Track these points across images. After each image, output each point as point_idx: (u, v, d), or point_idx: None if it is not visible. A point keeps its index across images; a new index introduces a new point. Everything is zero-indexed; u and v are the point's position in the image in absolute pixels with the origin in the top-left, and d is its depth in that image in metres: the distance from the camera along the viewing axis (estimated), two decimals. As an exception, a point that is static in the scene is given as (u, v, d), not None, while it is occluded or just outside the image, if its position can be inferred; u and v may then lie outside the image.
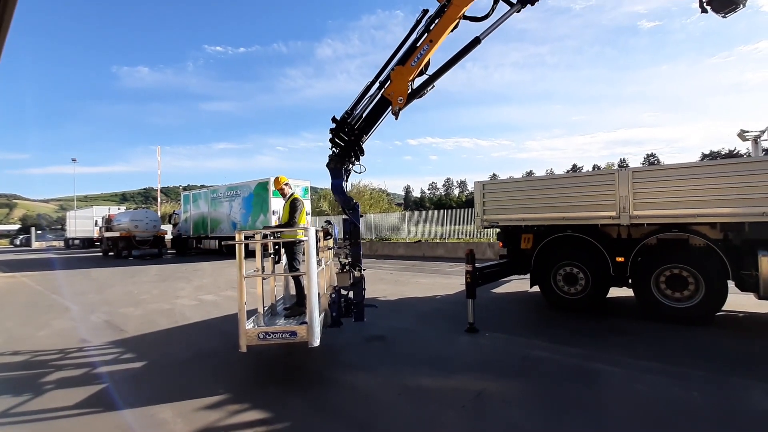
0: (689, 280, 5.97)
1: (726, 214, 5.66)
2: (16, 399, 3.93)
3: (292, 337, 4.34)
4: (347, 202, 5.76)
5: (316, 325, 4.37)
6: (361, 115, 6.17)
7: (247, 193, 21.86)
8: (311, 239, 4.45)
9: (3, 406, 3.77)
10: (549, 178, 8.29)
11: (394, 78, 6.12)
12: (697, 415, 3.31)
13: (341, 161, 5.99)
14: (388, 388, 3.99)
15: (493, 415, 3.40)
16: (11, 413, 3.66)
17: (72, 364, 5.01)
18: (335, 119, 6.17)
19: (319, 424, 3.31)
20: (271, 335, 4.36)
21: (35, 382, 4.40)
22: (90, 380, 4.43)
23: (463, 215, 21.40)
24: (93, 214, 36.77)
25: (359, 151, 6.15)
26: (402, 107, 6.21)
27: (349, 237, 5.62)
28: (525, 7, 5.99)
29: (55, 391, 4.15)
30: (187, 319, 7.26)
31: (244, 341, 4.27)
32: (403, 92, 6.12)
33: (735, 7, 5.84)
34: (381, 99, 6.13)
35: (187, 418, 3.47)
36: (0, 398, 3.96)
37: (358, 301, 5.56)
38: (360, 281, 5.56)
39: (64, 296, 10.15)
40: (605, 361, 4.53)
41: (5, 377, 4.63)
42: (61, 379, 4.48)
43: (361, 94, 6.25)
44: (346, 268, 5.48)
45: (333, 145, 6.12)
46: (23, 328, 6.86)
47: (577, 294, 6.87)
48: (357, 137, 6.06)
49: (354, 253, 5.57)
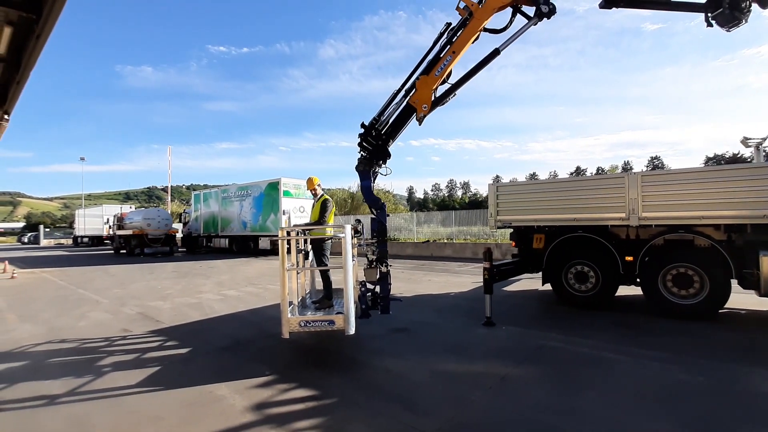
0: (694, 279, 6.34)
1: (729, 216, 6.02)
2: (80, 380, 4.33)
3: (330, 326, 4.74)
4: (375, 203, 6.15)
5: (352, 315, 4.76)
6: (388, 121, 6.58)
7: (257, 193, 22.29)
8: (347, 235, 4.83)
9: (69, 387, 4.16)
10: (561, 181, 8.66)
11: (419, 87, 6.54)
12: (702, 394, 3.69)
13: (369, 164, 6.39)
14: (419, 371, 4.38)
15: (519, 394, 3.78)
16: (79, 392, 4.04)
17: (121, 350, 5.42)
18: (364, 125, 6.58)
19: (363, 399, 3.70)
20: (311, 323, 4.76)
21: (92, 365, 4.80)
22: (143, 363, 4.83)
23: (468, 216, 21.76)
24: (102, 212, 37.37)
25: (386, 155, 6.57)
26: (426, 114, 6.63)
27: (377, 235, 6.01)
28: (541, 20, 6.38)
29: (114, 372, 4.54)
30: (216, 312, 7.65)
31: (287, 328, 4.66)
32: (427, 100, 6.54)
33: (738, 22, 6.19)
34: (406, 106, 6.55)
35: (242, 394, 3.86)
36: (64, 380, 4.35)
37: (385, 295, 5.94)
38: (386, 277, 5.94)
39: (90, 290, 10.57)
40: (616, 351, 4.91)
41: (62, 361, 5.02)
42: (116, 363, 4.87)
43: (388, 102, 6.67)
44: (374, 264, 5.87)
45: (361, 149, 6.53)
46: (63, 319, 7.26)
47: (587, 291, 7.24)
48: (384, 141, 6.47)
49: (381, 250, 5.96)
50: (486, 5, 6.71)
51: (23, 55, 8.06)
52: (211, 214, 25.75)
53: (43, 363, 4.92)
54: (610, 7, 6.47)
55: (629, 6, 6.49)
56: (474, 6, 6.70)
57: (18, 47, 7.86)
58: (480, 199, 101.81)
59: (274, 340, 5.70)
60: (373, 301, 5.92)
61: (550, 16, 6.28)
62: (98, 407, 3.66)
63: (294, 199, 21.08)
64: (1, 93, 10.16)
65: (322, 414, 3.43)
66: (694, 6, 6.44)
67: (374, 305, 5.90)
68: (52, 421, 3.41)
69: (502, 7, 6.66)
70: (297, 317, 4.83)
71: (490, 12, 6.75)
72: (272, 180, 21.59)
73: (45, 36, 6.96)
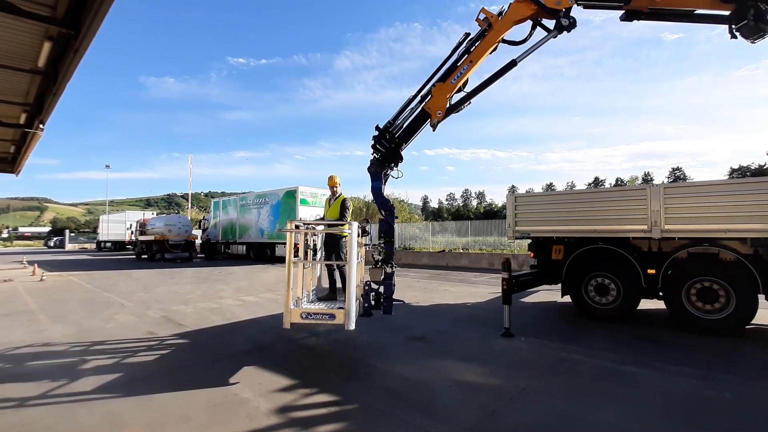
0: (720, 293, 6.20)
1: (756, 230, 5.89)
2: (110, 379, 4.49)
3: (330, 319, 4.87)
4: (384, 204, 6.29)
5: (353, 310, 4.88)
6: (402, 125, 6.73)
7: (275, 201, 22.66)
8: (353, 233, 4.98)
9: (101, 385, 4.33)
10: (580, 192, 8.61)
11: (435, 93, 6.68)
12: (728, 411, 3.61)
13: (381, 166, 6.55)
14: (438, 380, 4.40)
15: (541, 405, 3.76)
16: (110, 390, 4.20)
17: (148, 351, 5.59)
18: (378, 128, 6.74)
19: (383, 405, 3.74)
20: (313, 316, 4.89)
21: (121, 365, 4.98)
22: (169, 365, 4.98)
23: (483, 227, 21.62)
24: (125, 218, 38.40)
25: (399, 158, 6.71)
26: (440, 120, 6.76)
27: (384, 236, 6.13)
28: (561, 33, 6.43)
29: (142, 372, 4.70)
30: (237, 317, 7.81)
31: (289, 319, 4.79)
32: (442, 107, 6.68)
33: (763, 34, 6.12)
34: (421, 112, 6.69)
35: (266, 397, 3.96)
36: (96, 378, 4.53)
37: (388, 295, 6.02)
38: (391, 277, 6.03)
39: (116, 294, 10.90)
40: (638, 364, 4.83)
41: (93, 361, 5.21)
42: (144, 363, 5.04)
43: (403, 107, 6.83)
44: (379, 264, 5.97)
45: (374, 151, 6.69)
46: (91, 321, 7.53)
47: (608, 304, 7.14)
48: (397, 145, 6.62)
49: (387, 251, 6.07)
50: (506, 17, 6.82)
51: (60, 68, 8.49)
52: (230, 221, 26.26)
53: (75, 362, 5.12)
54: (631, 20, 6.50)
55: (651, 19, 6.50)
56: (494, 18, 6.82)
57: (55, 60, 8.28)
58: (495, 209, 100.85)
59: (294, 346, 5.81)
60: (376, 301, 6.01)
61: (570, 30, 6.33)
62: (129, 405, 3.80)
63: (311, 207, 21.35)
64: (37, 104, 10.70)
65: (344, 419, 3.49)
66: (717, 18, 6.41)
67: (377, 305, 5.98)
68: (88, 416, 3.56)
69: (522, 20, 6.75)
70: (299, 309, 4.96)
71: (510, 24, 6.85)
72: (290, 188, 21.94)
73: (83, 51, 7.32)
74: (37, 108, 10.69)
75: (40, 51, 7.71)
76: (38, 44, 7.55)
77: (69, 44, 7.37)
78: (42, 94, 10.09)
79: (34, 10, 6.43)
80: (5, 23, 6.62)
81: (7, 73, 8.42)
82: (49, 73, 8.65)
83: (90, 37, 6.70)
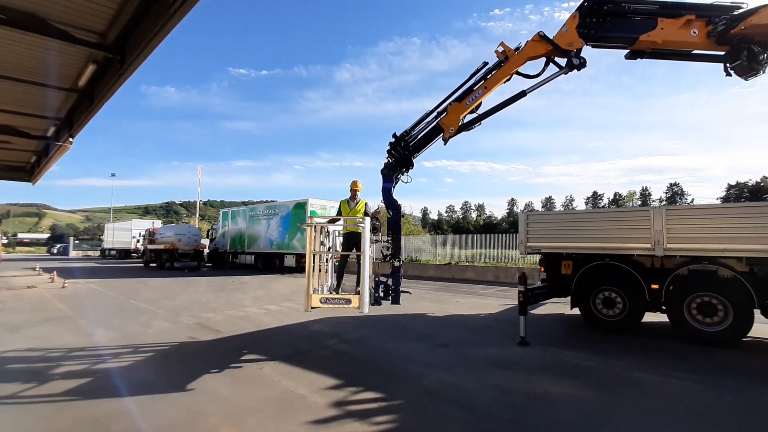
0: (718, 308, 6.75)
1: (751, 249, 6.48)
2: (175, 378, 5.00)
3: (347, 304, 5.49)
4: (393, 204, 6.99)
5: (366, 296, 5.52)
6: (417, 136, 7.55)
7: (285, 212, 23.23)
8: (366, 228, 5.61)
9: (168, 382, 4.84)
10: (588, 211, 9.23)
11: (450, 111, 7.48)
12: (729, 412, 4.16)
13: (393, 170, 7.31)
14: (469, 382, 4.92)
15: (564, 404, 4.30)
16: (179, 387, 4.70)
17: (198, 354, 6.10)
18: (395, 135, 7.55)
19: (427, 402, 4.27)
20: (331, 300, 5.51)
21: (180, 366, 5.48)
22: (224, 366, 5.48)
23: (486, 240, 22.20)
24: (131, 226, 38.85)
25: (410, 164, 7.42)
26: (452, 136, 7.57)
27: (391, 233, 6.78)
28: (572, 71, 7.12)
29: (202, 372, 5.20)
30: (267, 324, 8.32)
31: (309, 303, 5.38)
32: (455, 124, 7.46)
33: (756, 73, 6.80)
34: (436, 126, 7.51)
35: (320, 394, 4.48)
36: (160, 376, 5.04)
37: (396, 287, 6.61)
38: (398, 270, 6.65)
39: (142, 301, 11.38)
40: (646, 371, 5.37)
41: (150, 362, 5.72)
42: (200, 364, 5.53)
43: (420, 119, 7.66)
44: (388, 259, 6.60)
45: (389, 156, 7.48)
46: (131, 326, 8.02)
47: (615, 316, 7.69)
48: (410, 153, 7.42)
49: (394, 247, 6.70)
50: (522, 53, 7.54)
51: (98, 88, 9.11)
52: (239, 231, 26.77)
53: (134, 363, 5.63)
54: (635, 59, 7.19)
55: (653, 58, 7.20)
56: (510, 52, 7.54)
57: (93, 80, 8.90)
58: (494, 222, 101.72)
59: (330, 351, 6.33)
60: (385, 292, 6.61)
61: (581, 68, 7.03)
62: (202, 399, 4.32)
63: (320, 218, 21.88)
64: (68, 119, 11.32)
65: (394, 411, 4.02)
66: (713, 57, 7.10)
67: (386, 296, 6.59)
68: (170, 409, 4.08)
69: (537, 56, 7.46)
70: (319, 295, 5.56)
71: (525, 59, 7.57)
72: (300, 200, 22.54)
73: (127, 75, 7.94)
74: (67, 122, 11.31)
75: (83, 73, 8.33)
76: (82, 66, 8.17)
77: (111, 66, 7.99)
78: (73, 110, 10.71)
79: (85, 38, 7.05)
80: (56, 47, 7.23)
81: (45, 90, 9.06)
82: (85, 92, 9.29)
83: (137, 64, 7.31)
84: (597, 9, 6.96)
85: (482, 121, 7.86)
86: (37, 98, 9.51)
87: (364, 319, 8.74)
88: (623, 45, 7.06)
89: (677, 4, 6.93)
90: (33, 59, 7.49)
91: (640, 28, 6.87)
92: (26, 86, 8.49)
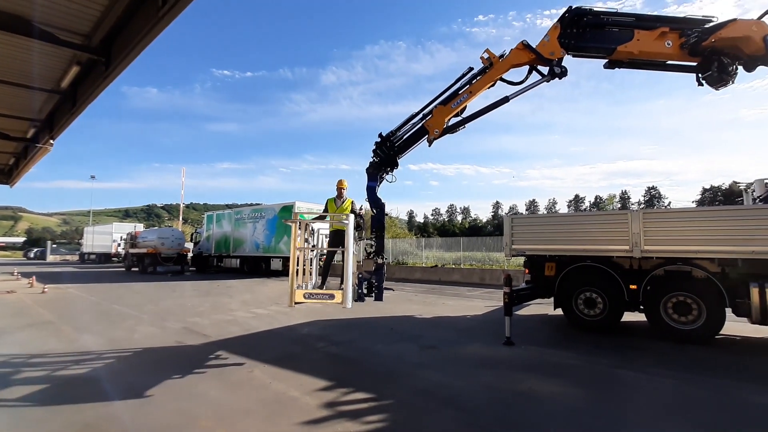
0: (693, 307, 7.07)
1: (723, 251, 6.81)
2: (166, 382, 4.98)
3: (330, 299, 5.59)
4: (376, 203, 7.15)
5: (350, 291, 5.63)
6: (402, 137, 7.76)
7: (271, 216, 23.09)
8: (350, 224, 5.74)
9: (159, 386, 4.83)
10: (570, 215, 9.52)
11: (435, 114, 7.71)
12: (704, 405, 4.39)
13: (378, 169, 7.49)
14: (458, 381, 5.06)
15: (550, 400, 4.46)
16: (169, 391, 4.71)
17: (187, 358, 6.07)
18: (381, 135, 7.76)
19: (417, 401, 4.38)
20: (314, 296, 5.60)
21: (170, 370, 5.45)
22: (214, 369, 5.50)
23: (471, 243, 22.52)
24: (112, 230, 38.01)
25: (394, 164, 7.60)
26: (436, 138, 7.80)
27: (375, 231, 6.90)
28: (553, 79, 7.38)
29: (192, 376, 5.21)
30: (255, 328, 8.31)
31: (293, 299, 5.46)
32: (439, 126, 7.69)
33: (725, 83, 7.18)
34: (421, 128, 7.72)
35: (311, 395, 4.54)
36: (150, 380, 5.02)
37: (379, 284, 6.74)
38: (381, 267, 6.78)
39: (125, 306, 11.19)
40: (626, 368, 5.60)
41: (139, 366, 5.68)
42: (189, 368, 5.51)
43: (406, 121, 7.87)
44: (372, 256, 6.71)
45: (374, 155, 7.66)
46: (116, 332, 7.91)
47: (596, 316, 7.95)
48: (395, 153, 7.62)
49: (378, 245, 6.83)
50: (506, 60, 7.78)
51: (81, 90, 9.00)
52: (224, 234, 26.46)
53: (122, 367, 5.59)
54: (613, 68, 7.50)
55: (630, 67, 7.52)
56: (495, 59, 7.78)
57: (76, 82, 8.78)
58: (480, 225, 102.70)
59: (320, 354, 6.39)
60: (368, 289, 6.72)
61: (562, 77, 7.30)
62: (193, 403, 4.33)
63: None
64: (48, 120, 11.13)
65: (386, 411, 4.12)
66: (686, 68, 7.46)
67: (369, 292, 6.70)
68: (162, 412, 4.09)
69: (520, 64, 7.72)
70: (302, 290, 5.62)
71: (508, 66, 7.82)
72: (286, 203, 22.45)
73: (113, 78, 7.87)
74: (47, 124, 11.10)
75: (66, 74, 8.22)
76: (66, 68, 8.07)
77: (95, 67, 7.90)
78: (54, 112, 10.52)
79: (70, 39, 6.97)
80: (38, 49, 7.13)
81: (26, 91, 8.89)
82: (67, 93, 9.15)
83: (124, 66, 7.24)
84: (577, 20, 7.25)
85: (466, 124, 8.09)
86: (17, 99, 9.30)
87: (353, 322, 8.81)
88: (602, 55, 7.36)
89: (652, 16, 7.28)
90: (13, 60, 7.35)
91: (617, 39, 7.18)
92: (5, 87, 8.31)
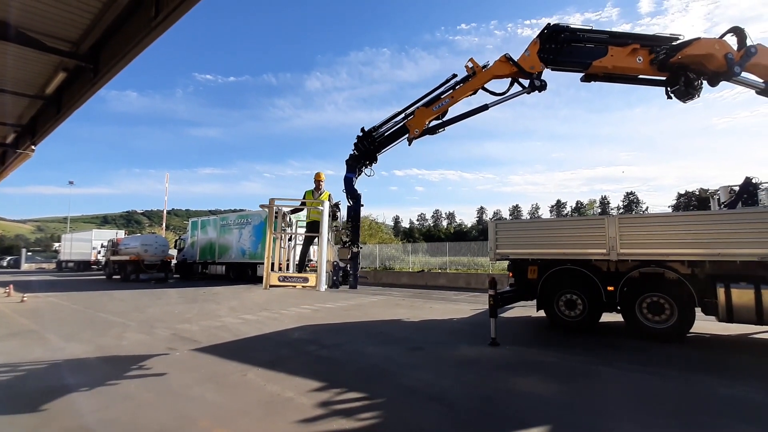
0: (665, 306, 7.48)
1: (692, 254, 7.24)
2: (160, 387, 5.06)
3: (304, 282, 5.83)
4: (353, 193, 7.42)
5: (323, 275, 5.84)
6: (383, 134, 8.06)
7: (257, 222, 23.01)
8: (325, 211, 6.00)
9: (154, 392, 4.91)
10: (552, 220, 9.90)
11: (417, 114, 8.02)
12: (671, 396, 4.72)
13: (357, 161, 7.80)
14: (444, 380, 5.28)
15: (531, 395, 4.72)
16: (165, 395, 4.79)
17: (179, 364, 6.13)
18: (363, 130, 8.06)
19: (407, 399, 4.58)
20: (289, 279, 5.86)
21: (162, 376, 5.53)
22: (207, 373, 5.58)
23: (456, 248, 22.89)
24: (92, 237, 37.13)
25: (373, 159, 7.96)
26: (416, 137, 8.12)
27: (351, 220, 7.14)
28: (534, 91, 7.76)
29: (186, 381, 5.29)
30: (245, 333, 8.38)
31: (268, 282, 5.68)
32: (420, 126, 8.00)
33: (692, 97, 7.68)
34: (402, 126, 8.04)
35: (306, 396, 4.70)
36: (144, 386, 5.09)
37: (354, 272, 6.96)
38: (356, 256, 6.99)
39: (110, 314, 11.07)
40: (603, 364, 5.92)
41: (131, 373, 5.72)
42: (182, 374, 5.60)
43: (389, 119, 8.19)
44: (347, 245, 6.92)
45: (355, 148, 7.94)
46: (104, 339, 7.87)
47: (576, 317, 8.30)
48: (375, 149, 7.94)
49: (354, 234, 7.04)
50: (488, 71, 8.13)
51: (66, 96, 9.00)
52: (209, 241, 26.21)
53: (114, 374, 5.61)
54: (589, 81, 7.93)
55: (604, 80, 7.97)
56: (478, 68, 8.12)
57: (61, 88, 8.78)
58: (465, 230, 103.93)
59: (311, 357, 6.52)
60: (344, 277, 6.91)
61: (542, 90, 7.69)
62: (189, 405, 4.44)
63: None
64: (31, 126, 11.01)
65: (378, 409, 4.31)
66: (656, 82, 7.94)
67: (345, 280, 6.89)
68: (159, 415, 4.18)
69: (502, 76, 8.07)
70: (277, 273, 5.81)
71: (490, 77, 8.17)
72: (273, 209, 22.41)
73: (101, 85, 7.92)
74: (29, 129, 10.96)
75: (52, 80, 8.21)
76: (51, 74, 8.07)
77: (83, 74, 7.92)
78: (36, 117, 10.41)
79: (57, 46, 7.01)
80: (24, 55, 7.13)
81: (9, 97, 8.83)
82: (52, 99, 9.11)
83: (113, 74, 7.31)
84: (555, 36, 7.65)
85: (446, 127, 8.41)
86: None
87: (342, 326, 8.96)
88: (579, 69, 7.78)
89: (624, 34, 7.75)
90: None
91: (592, 54, 7.60)
92: (-17, 92, 8.26)
